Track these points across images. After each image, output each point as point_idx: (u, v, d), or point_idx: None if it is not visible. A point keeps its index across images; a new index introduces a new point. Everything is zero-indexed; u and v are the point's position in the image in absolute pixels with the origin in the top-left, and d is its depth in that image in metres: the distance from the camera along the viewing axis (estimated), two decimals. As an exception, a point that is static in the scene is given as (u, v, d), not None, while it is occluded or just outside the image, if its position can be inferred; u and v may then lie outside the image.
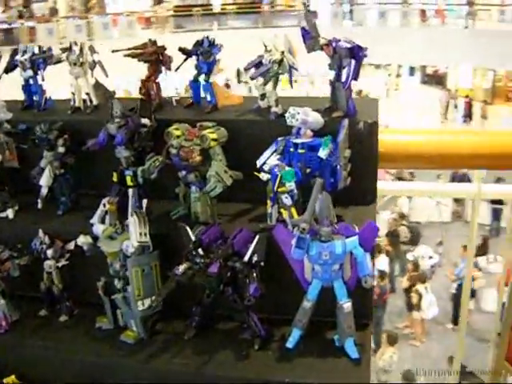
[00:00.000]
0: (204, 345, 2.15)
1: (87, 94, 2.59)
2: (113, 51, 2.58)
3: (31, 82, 2.67)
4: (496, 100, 20.04)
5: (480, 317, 8.58)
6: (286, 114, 2.18)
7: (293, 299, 2.10)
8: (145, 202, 2.18)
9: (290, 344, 2.10)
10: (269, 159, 2.19)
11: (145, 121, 2.28)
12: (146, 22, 17.07)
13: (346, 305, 2.02)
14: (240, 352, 2.10)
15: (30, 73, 2.64)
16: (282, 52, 2.30)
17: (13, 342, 2.29)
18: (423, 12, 16.55)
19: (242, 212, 2.35)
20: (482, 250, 9.40)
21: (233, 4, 18.61)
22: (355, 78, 2.26)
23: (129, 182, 2.31)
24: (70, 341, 2.26)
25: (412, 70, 18.32)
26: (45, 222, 2.42)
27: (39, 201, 2.48)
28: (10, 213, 2.48)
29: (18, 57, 2.63)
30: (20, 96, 2.76)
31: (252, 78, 2.31)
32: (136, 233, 2.06)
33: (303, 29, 2.29)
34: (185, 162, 2.17)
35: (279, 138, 2.22)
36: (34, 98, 2.70)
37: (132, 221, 2.07)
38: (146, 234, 2.08)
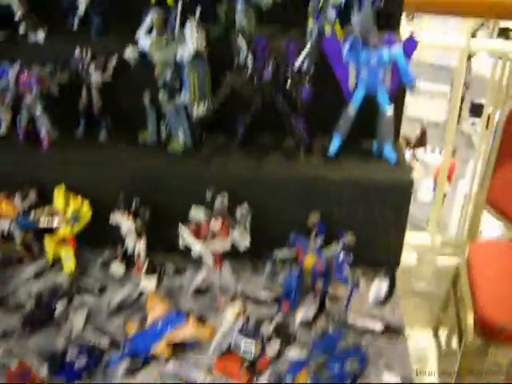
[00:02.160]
0: (251, 153, 2.29)
1: None
2: None
3: None
4: None
5: (416, 206, 9.04)
6: None
7: (332, 113, 2.26)
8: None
9: (332, 150, 2.27)
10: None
11: None
12: None
13: (389, 111, 2.20)
14: (287, 158, 2.26)
15: None
16: None
17: (56, 159, 2.33)
18: None
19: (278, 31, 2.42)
20: (421, 141, 9.78)
21: None
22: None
23: (170, 1, 2.33)
24: (114, 155, 2.33)
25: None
26: (80, 42, 2.38)
27: (75, 20, 2.44)
28: (40, 35, 2.44)
29: None
30: None
31: None
32: (193, 38, 2.12)
33: None
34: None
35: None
36: None
37: (189, 26, 2.13)
38: (202, 39, 2.14)
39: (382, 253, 2.24)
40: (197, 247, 1.97)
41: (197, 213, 2.05)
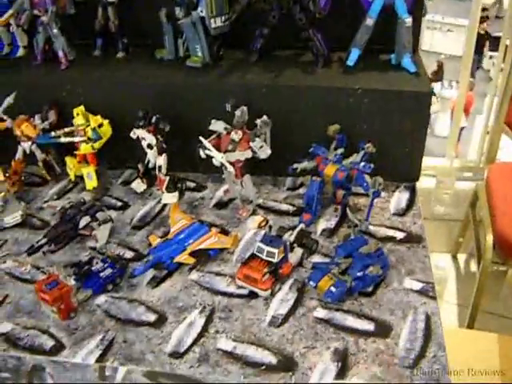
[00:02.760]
0: (269, 67, 2.27)
1: None
2: None
3: None
4: None
5: (432, 140, 8.95)
6: None
7: (349, 29, 2.23)
8: None
9: (350, 62, 2.24)
10: None
11: None
12: None
13: (407, 19, 2.15)
14: (305, 71, 2.24)
15: None
16: None
17: (75, 78, 2.31)
18: None
19: None
20: (437, 75, 9.64)
21: None
22: None
23: None
24: (133, 73, 2.32)
25: None
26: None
27: None
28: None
29: None
30: None
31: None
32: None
33: None
34: None
35: None
36: None
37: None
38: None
39: (402, 165, 2.23)
40: (218, 156, 1.97)
41: (217, 126, 2.05)
